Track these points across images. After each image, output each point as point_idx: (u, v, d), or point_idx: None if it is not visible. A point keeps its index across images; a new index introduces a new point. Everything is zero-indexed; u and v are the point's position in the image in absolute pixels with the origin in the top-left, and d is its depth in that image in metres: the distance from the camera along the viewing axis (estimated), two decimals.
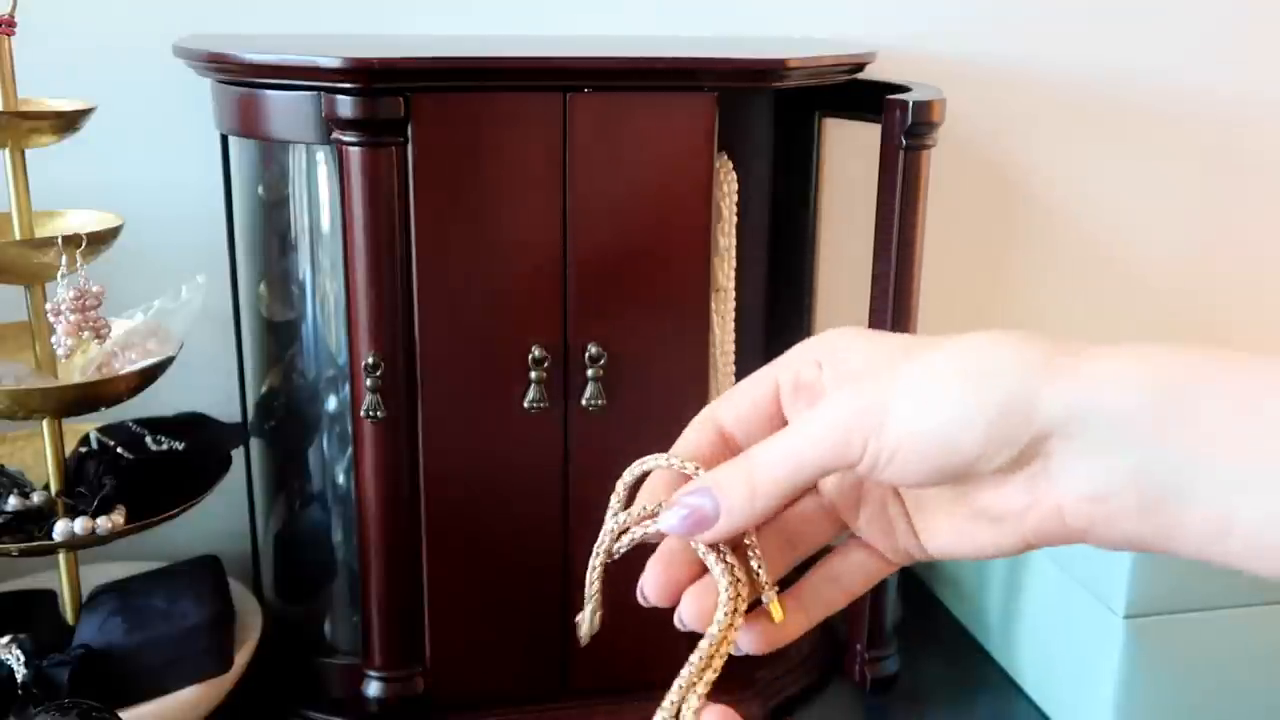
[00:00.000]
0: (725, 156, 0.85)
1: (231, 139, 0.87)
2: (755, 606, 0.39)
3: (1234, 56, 1.18)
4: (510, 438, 0.80)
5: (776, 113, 0.97)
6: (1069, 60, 1.14)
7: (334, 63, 0.71)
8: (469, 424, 0.79)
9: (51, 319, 0.77)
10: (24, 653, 0.75)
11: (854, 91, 0.89)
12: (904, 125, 0.80)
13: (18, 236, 0.78)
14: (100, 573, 0.87)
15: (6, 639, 0.76)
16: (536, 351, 0.78)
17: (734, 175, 0.86)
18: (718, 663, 0.36)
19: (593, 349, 0.79)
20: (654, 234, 0.78)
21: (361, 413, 0.76)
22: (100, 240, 0.78)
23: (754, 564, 0.37)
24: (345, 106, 0.72)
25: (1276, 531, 0.30)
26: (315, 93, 0.73)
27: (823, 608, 0.40)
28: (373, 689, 0.82)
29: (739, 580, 0.37)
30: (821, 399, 0.37)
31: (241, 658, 0.83)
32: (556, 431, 0.80)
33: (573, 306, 0.79)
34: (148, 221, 0.93)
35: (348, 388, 0.80)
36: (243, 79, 0.77)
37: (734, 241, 0.87)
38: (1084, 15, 1.13)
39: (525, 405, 0.79)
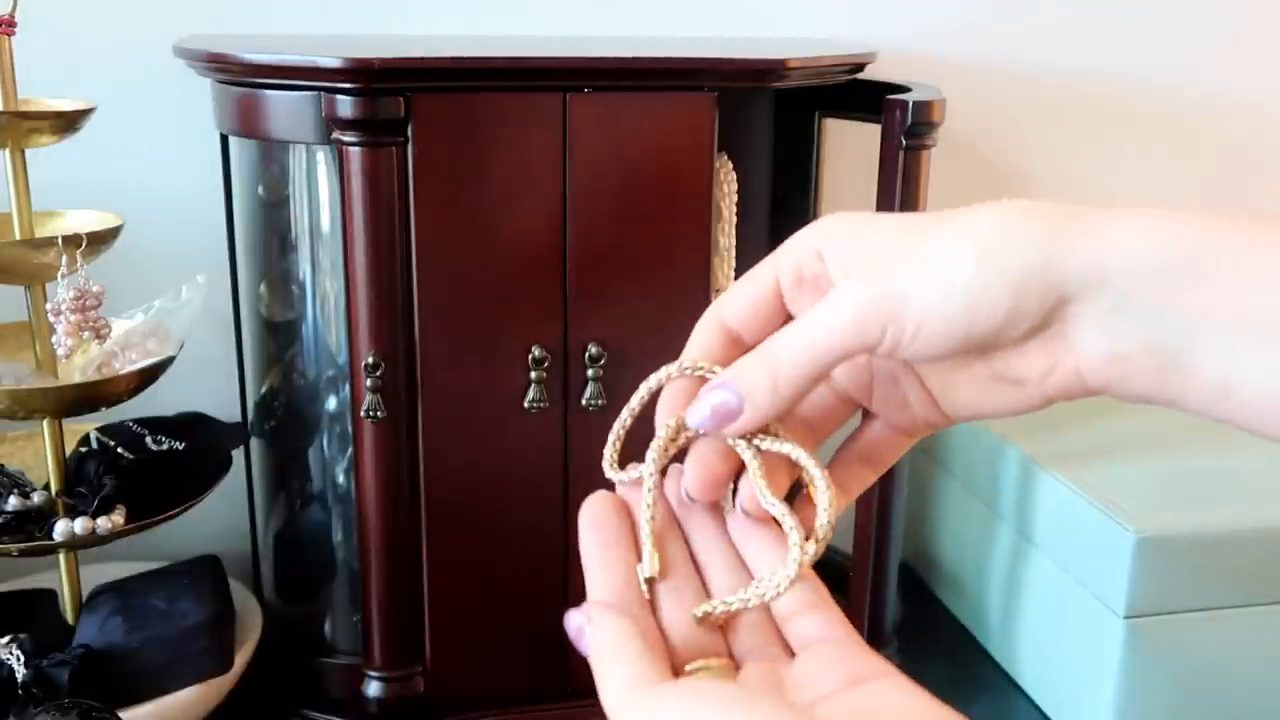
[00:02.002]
0: (725, 156, 0.85)
1: (231, 139, 0.87)
2: (797, 492, 0.39)
3: (1234, 57, 1.18)
4: (510, 438, 0.80)
5: (776, 113, 0.97)
6: (1069, 60, 1.14)
7: (334, 63, 0.71)
8: (469, 424, 0.79)
9: (51, 319, 0.77)
10: (24, 653, 0.75)
11: (854, 91, 0.89)
12: (904, 125, 0.80)
13: (18, 236, 0.78)
14: (100, 573, 0.87)
15: (6, 639, 0.76)
16: (536, 351, 0.78)
17: (734, 175, 0.86)
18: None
19: (593, 349, 0.79)
20: (654, 234, 0.78)
21: (361, 413, 0.76)
22: (100, 240, 0.78)
23: (788, 450, 0.37)
24: (345, 106, 0.72)
25: (1277, 393, 0.31)
26: (315, 93, 0.73)
27: (857, 485, 0.41)
28: (373, 689, 0.82)
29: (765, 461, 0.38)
30: (830, 289, 0.37)
31: (241, 658, 0.83)
32: (556, 431, 0.80)
33: (573, 307, 0.79)
34: (148, 221, 0.93)
35: (348, 388, 0.80)
36: (243, 79, 0.77)
37: (734, 241, 0.87)
38: (1084, 16, 1.13)
39: (525, 405, 0.79)
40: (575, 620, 0.37)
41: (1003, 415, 0.38)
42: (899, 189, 0.81)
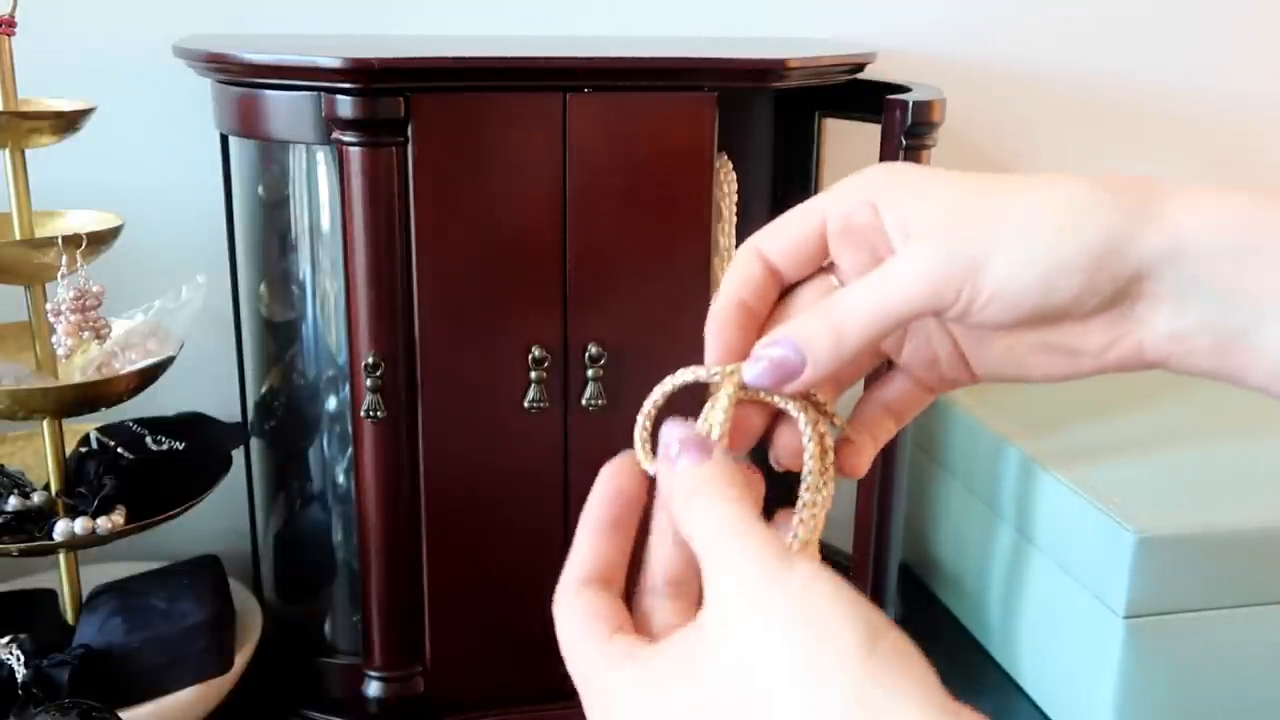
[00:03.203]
0: (725, 156, 0.85)
1: (231, 139, 0.87)
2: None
3: (1234, 57, 1.18)
4: (510, 438, 0.80)
5: (776, 113, 0.97)
6: (1069, 60, 1.14)
7: (334, 63, 0.71)
8: (469, 424, 0.79)
9: (51, 319, 0.77)
10: (24, 653, 0.75)
11: (854, 91, 0.89)
12: (904, 125, 0.80)
13: (18, 236, 0.78)
14: (100, 573, 0.87)
15: (6, 639, 0.76)
16: (536, 351, 0.78)
17: (734, 175, 0.86)
18: (824, 496, 0.37)
19: (593, 349, 0.79)
20: (654, 234, 0.78)
21: (361, 413, 0.76)
22: (100, 240, 0.78)
23: (819, 399, 0.37)
24: (345, 106, 0.72)
25: None
26: (315, 93, 0.73)
27: (883, 435, 0.40)
28: (373, 689, 0.82)
29: (819, 419, 0.37)
30: (881, 242, 0.36)
31: (241, 658, 0.83)
32: (556, 431, 0.80)
33: (573, 306, 0.79)
34: (148, 221, 0.93)
35: (348, 388, 0.80)
36: (243, 79, 0.77)
37: (734, 241, 0.87)
38: (1084, 15, 1.13)
39: (525, 405, 0.79)
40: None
41: (1044, 380, 0.38)
42: None
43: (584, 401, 0.79)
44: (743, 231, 0.88)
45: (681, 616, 0.33)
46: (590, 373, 0.79)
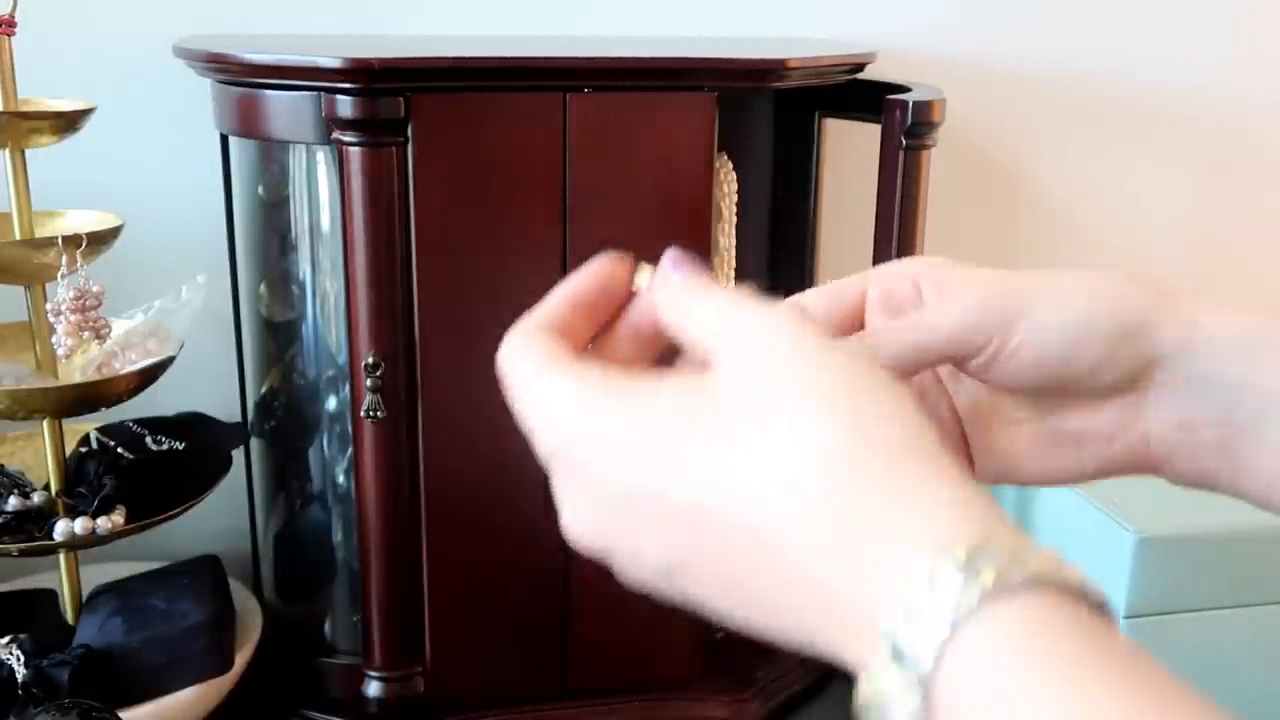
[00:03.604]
0: (725, 156, 0.85)
1: (231, 139, 0.87)
2: None
3: (1235, 57, 1.18)
4: (510, 438, 0.79)
5: (776, 113, 0.97)
6: (1069, 60, 1.14)
7: (334, 63, 0.71)
8: (469, 424, 0.79)
9: (51, 319, 0.77)
10: (24, 653, 0.75)
11: (854, 91, 0.89)
12: (904, 125, 0.80)
13: (18, 236, 0.78)
14: (100, 573, 0.87)
15: (6, 639, 0.76)
16: None
17: (734, 175, 0.86)
18: None
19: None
20: (654, 234, 0.78)
21: (361, 413, 0.76)
22: (100, 240, 0.78)
23: None
24: (345, 106, 0.72)
25: None
26: (315, 93, 0.73)
27: None
28: (373, 689, 0.82)
29: None
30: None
31: (241, 658, 0.83)
32: None
33: None
34: (148, 221, 0.93)
35: (348, 388, 0.80)
36: (243, 79, 0.77)
37: (734, 241, 0.87)
38: (1085, 15, 1.13)
39: None
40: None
41: (1039, 480, 0.39)
42: (899, 189, 0.81)
43: None
44: (743, 231, 0.88)
45: None
46: None
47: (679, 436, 0.29)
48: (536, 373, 0.33)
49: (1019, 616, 0.25)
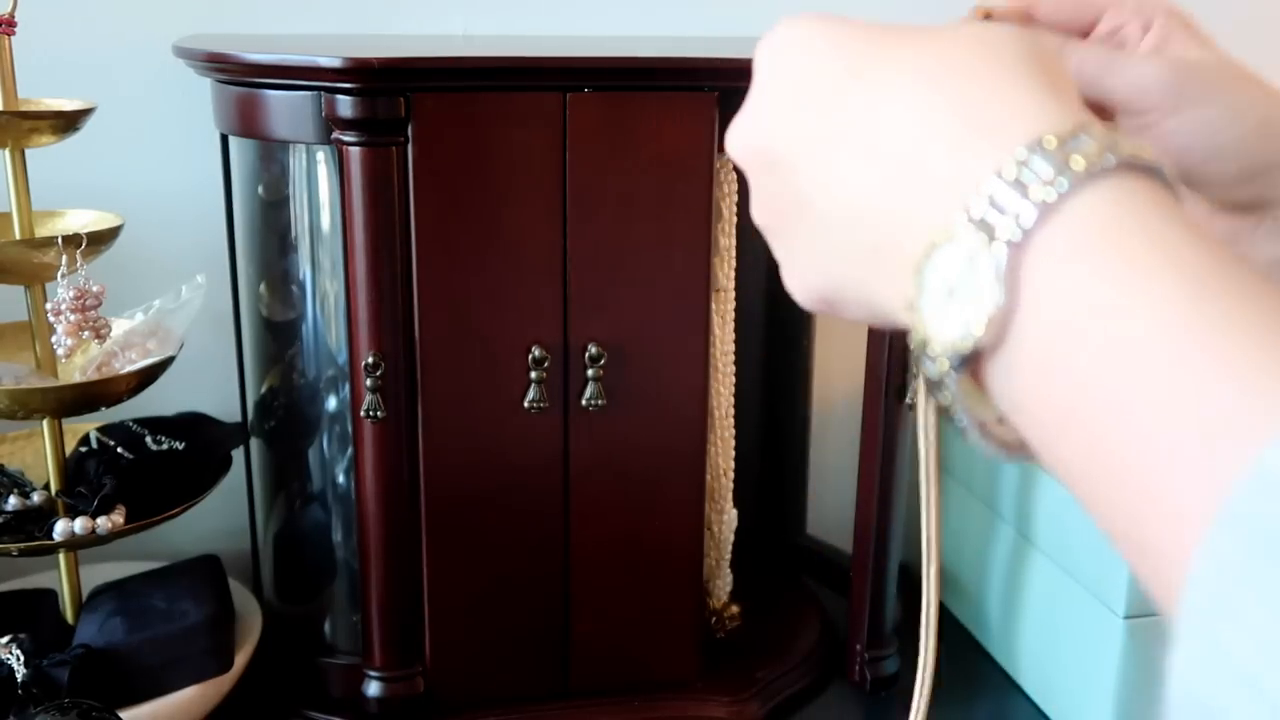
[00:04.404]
0: (725, 156, 0.85)
1: (231, 139, 0.87)
2: None
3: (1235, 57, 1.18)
4: (510, 438, 0.80)
5: None
6: None
7: (334, 63, 0.71)
8: (469, 424, 0.79)
9: (51, 319, 0.77)
10: (24, 653, 0.75)
11: None
12: None
13: (18, 236, 0.78)
14: (100, 573, 0.87)
15: (6, 639, 0.76)
16: (536, 351, 0.78)
17: (734, 175, 0.86)
18: None
19: (593, 349, 0.79)
20: (654, 234, 0.78)
21: (361, 413, 0.76)
22: (100, 240, 0.78)
23: None
24: (345, 106, 0.72)
25: None
26: (315, 93, 0.73)
27: None
28: (373, 689, 0.82)
29: None
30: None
31: (241, 658, 0.83)
32: (556, 431, 0.80)
33: (572, 306, 0.79)
34: (148, 221, 0.93)
35: (348, 388, 0.80)
36: (243, 79, 0.77)
37: (734, 241, 0.87)
38: None
39: (525, 405, 0.79)
40: None
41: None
42: None
43: (584, 401, 0.79)
44: (743, 231, 0.88)
45: None
46: (590, 373, 0.79)
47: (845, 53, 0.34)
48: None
49: (1110, 201, 0.26)
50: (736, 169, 0.87)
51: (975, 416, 0.29)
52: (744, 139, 0.36)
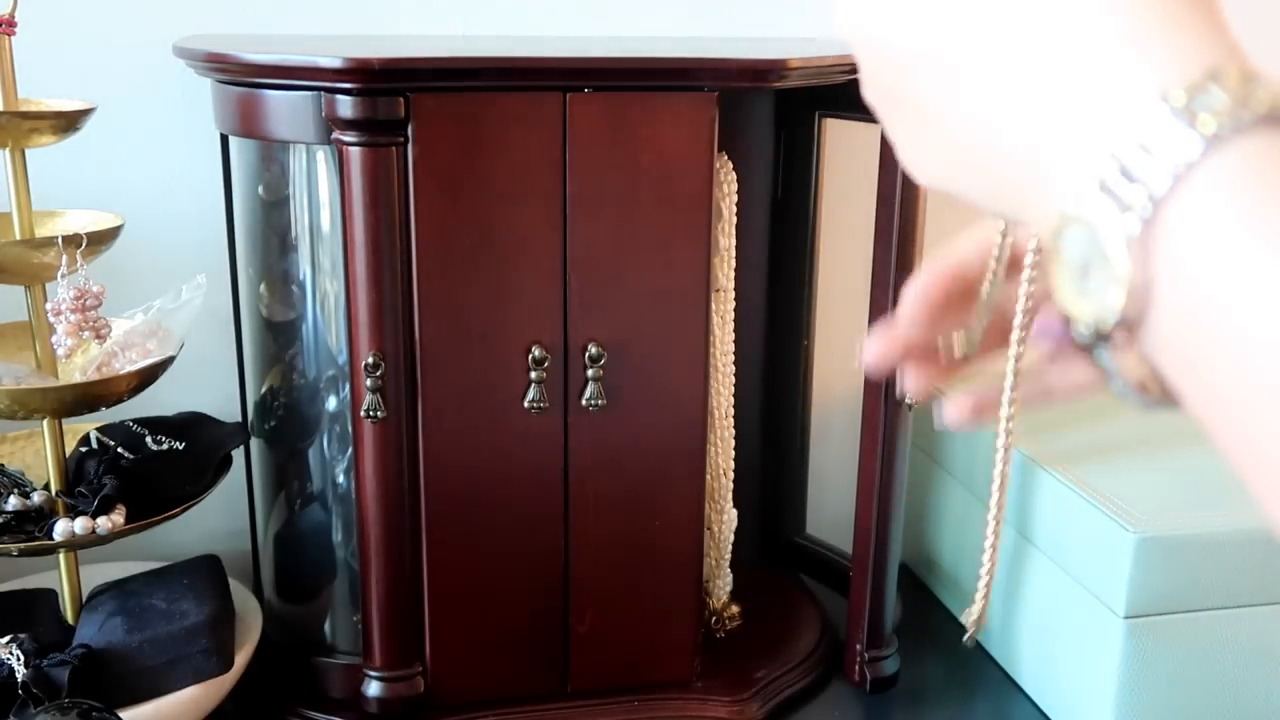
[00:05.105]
0: (725, 156, 0.85)
1: (231, 139, 0.87)
2: None
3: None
4: (510, 438, 0.80)
5: (776, 113, 0.97)
6: None
7: (334, 63, 0.71)
8: (469, 424, 0.79)
9: (51, 319, 0.77)
10: (24, 653, 0.75)
11: (854, 91, 0.89)
12: None
13: (18, 236, 0.78)
14: (100, 573, 0.87)
15: (6, 639, 0.76)
16: (536, 351, 0.78)
17: (734, 175, 0.86)
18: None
19: (593, 349, 0.79)
20: (654, 234, 0.78)
21: (361, 412, 0.76)
22: (100, 240, 0.78)
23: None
24: (345, 106, 0.72)
25: None
26: (315, 93, 0.73)
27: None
28: (373, 689, 0.82)
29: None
30: None
31: (241, 658, 0.83)
32: (556, 431, 0.80)
33: (572, 307, 0.79)
34: (148, 221, 0.93)
35: (348, 388, 0.80)
36: (243, 79, 0.77)
37: (734, 241, 0.87)
38: None
39: (525, 405, 0.79)
40: None
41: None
42: (899, 190, 0.81)
43: (584, 401, 0.79)
44: (743, 231, 0.88)
45: None
46: (590, 373, 0.79)
47: None
48: None
49: (1244, 166, 0.24)
50: (736, 169, 0.87)
51: (1131, 376, 0.27)
52: (858, 23, 0.32)
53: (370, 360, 0.75)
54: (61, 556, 0.82)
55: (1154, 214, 0.24)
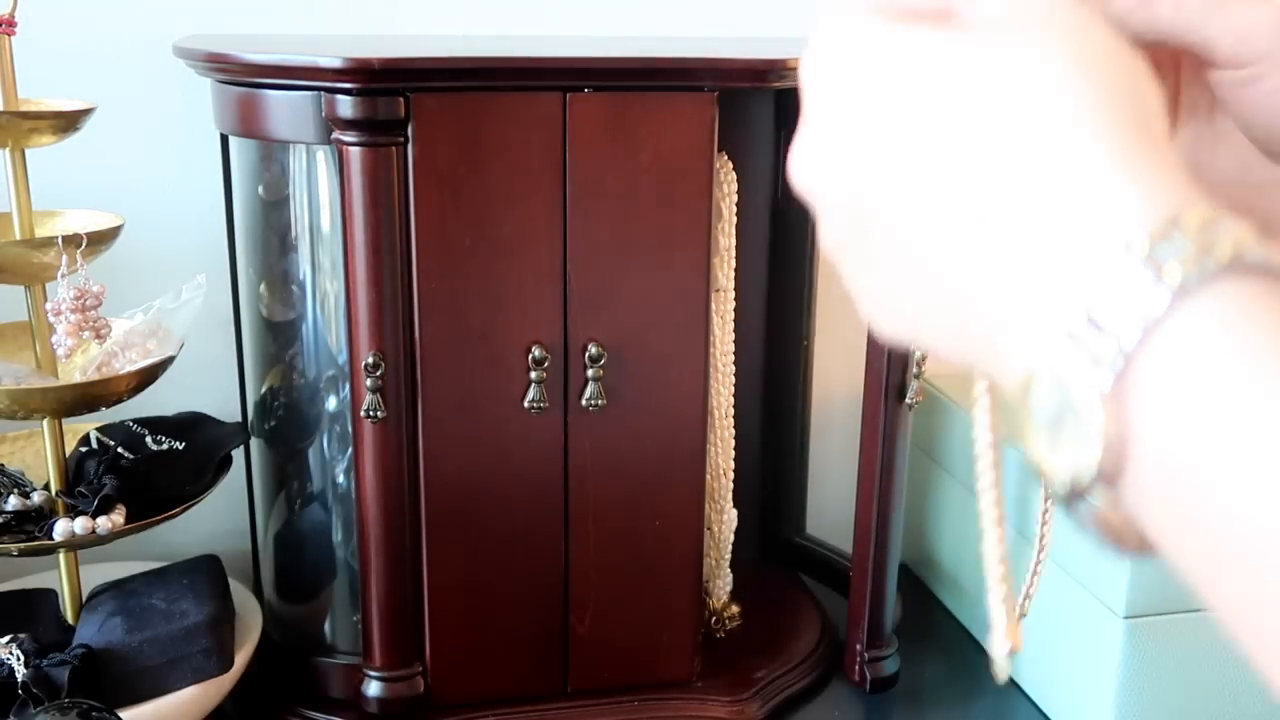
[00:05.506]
0: (725, 156, 0.85)
1: (231, 139, 0.87)
2: None
3: None
4: (510, 438, 0.80)
5: (776, 113, 0.97)
6: None
7: (334, 63, 0.71)
8: (469, 424, 0.79)
9: (51, 319, 0.77)
10: (24, 653, 0.75)
11: None
12: None
13: (18, 236, 0.78)
14: (100, 573, 0.87)
15: (6, 639, 0.76)
16: (536, 351, 0.78)
17: (734, 175, 0.86)
18: None
19: (592, 349, 0.79)
20: (654, 234, 0.78)
21: (361, 413, 0.76)
22: (100, 240, 0.78)
23: None
24: (345, 106, 0.72)
25: None
26: (315, 93, 0.73)
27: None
28: (373, 689, 0.82)
29: None
30: None
31: (241, 658, 0.83)
32: (556, 431, 0.80)
33: (572, 307, 0.79)
34: (148, 221, 0.93)
35: (348, 388, 0.80)
36: (243, 79, 0.77)
37: (734, 241, 0.87)
38: None
39: (525, 405, 0.79)
40: None
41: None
42: None
43: (584, 401, 0.79)
44: (743, 231, 0.88)
45: None
46: (590, 373, 0.79)
47: (900, 102, 0.29)
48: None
49: (1213, 316, 0.23)
50: (736, 169, 0.87)
51: (1107, 528, 0.27)
52: (815, 180, 0.32)
53: (370, 360, 0.75)
54: (61, 556, 0.82)
55: (1125, 367, 0.24)
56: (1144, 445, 0.24)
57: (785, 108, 0.97)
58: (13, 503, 0.81)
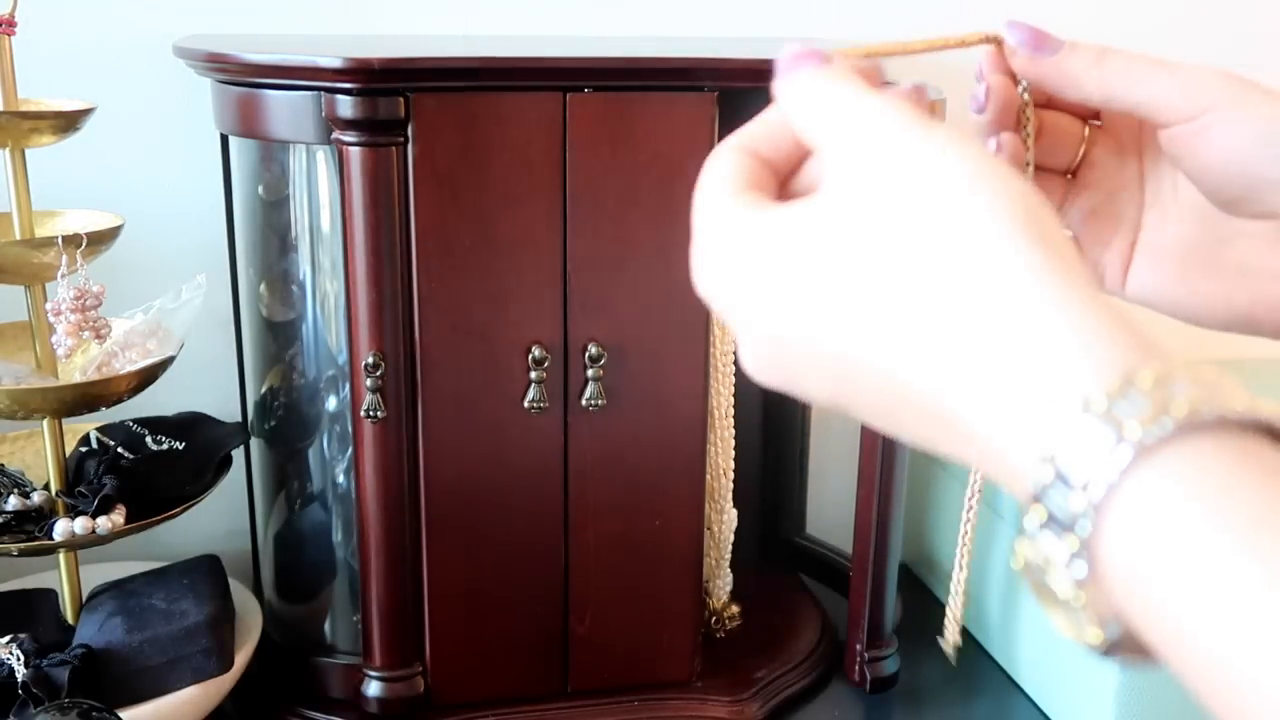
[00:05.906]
0: None
1: (231, 139, 0.87)
2: None
3: (1236, 58, 1.18)
4: (510, 438, 0.80)
5: None
6: None
7: (334, 63, 0.71)
8: (469, 424, 0.79)
9: (51, 319, 0.77)
10: (24, 653, 0.75)
11: None
12: None
13: (18, 236, 0.78)
14: (100, 573, 0.87)
15: (6, 639, 0.76)
16: (536, 351, 0.78)
17: None
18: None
19: (593, 349, 0.79)
20: (654, 234, 0.78)
21: (361, 412, 0.76)
22: (100, 240, 0.78)
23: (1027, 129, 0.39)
24: (345, 106, 0.72)
25: None
26: (315, 93, 0.73)
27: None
28: (373, 689, 0.82)
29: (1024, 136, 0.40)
30: None
31: (241, 658, 0.83)
32: (556, 431, 0.80)
33: (572, 306, 0.79)
34: (148, 221, 0.93)
35: (348, 388, 0.80)
36: (243, 79, 0.77)
37: None
38: (1084, 15, 1.13)
39: (525, 405, 0.79)
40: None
41: (1183, 311, 0.39)
42: None
43: (584, 401, 0.79)
44: None
45: None
46: (590, 373, 0.79)
47: (812, 284, 0.29)
48: (702, 186, 0.34)
49: (1177, 465, 0.24)
50: None
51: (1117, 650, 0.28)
52: (777, 375, 0.32)
53: (370, 360, 0.75)
54: (61, 556, 0.82)
55: (1096, 524, 0.24)
56: (1127, 596, 0.25)
57: None
58: (13, 503, 0.81)
